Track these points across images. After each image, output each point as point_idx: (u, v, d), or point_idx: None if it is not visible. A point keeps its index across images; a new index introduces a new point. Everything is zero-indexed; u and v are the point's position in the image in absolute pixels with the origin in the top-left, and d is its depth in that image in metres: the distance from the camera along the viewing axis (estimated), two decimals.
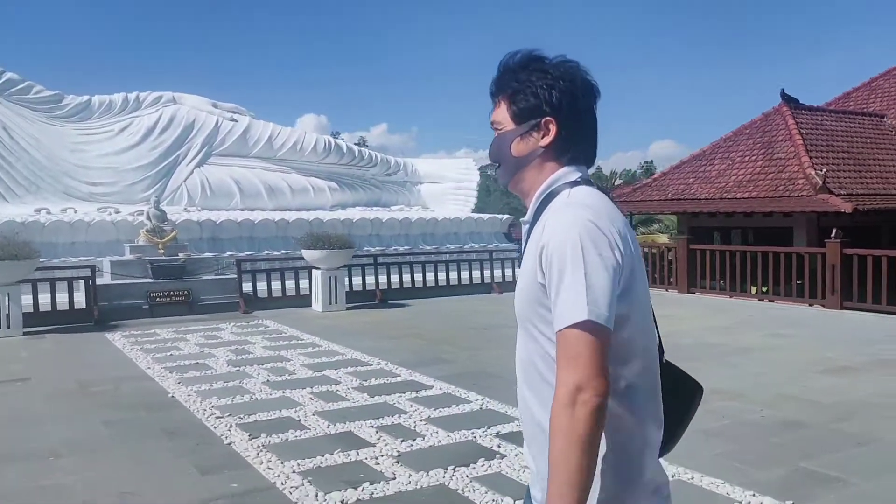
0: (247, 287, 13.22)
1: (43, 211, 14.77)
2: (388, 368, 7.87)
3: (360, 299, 13.81)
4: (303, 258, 14.46)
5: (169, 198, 15.76)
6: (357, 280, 14.23)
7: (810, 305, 12.54)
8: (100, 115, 17.56)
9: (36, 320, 10.95)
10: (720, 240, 19.51)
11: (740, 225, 19.50)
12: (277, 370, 7.84)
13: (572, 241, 1.40)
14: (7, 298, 10.40)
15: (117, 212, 15.39)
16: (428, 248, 18.18)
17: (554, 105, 1.55)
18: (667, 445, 1.60)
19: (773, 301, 13.58)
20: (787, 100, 20.68)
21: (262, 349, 9.17)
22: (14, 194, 15.42)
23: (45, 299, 11.38)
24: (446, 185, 21.20)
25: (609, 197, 1.54)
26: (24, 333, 10.52)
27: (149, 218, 13.55)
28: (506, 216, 20.66)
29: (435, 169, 21.74)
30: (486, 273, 15.93)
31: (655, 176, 22.95)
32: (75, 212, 15.11)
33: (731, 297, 14.27)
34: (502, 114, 1.61)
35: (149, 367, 8.14)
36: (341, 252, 13.04)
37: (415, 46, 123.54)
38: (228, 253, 15.18)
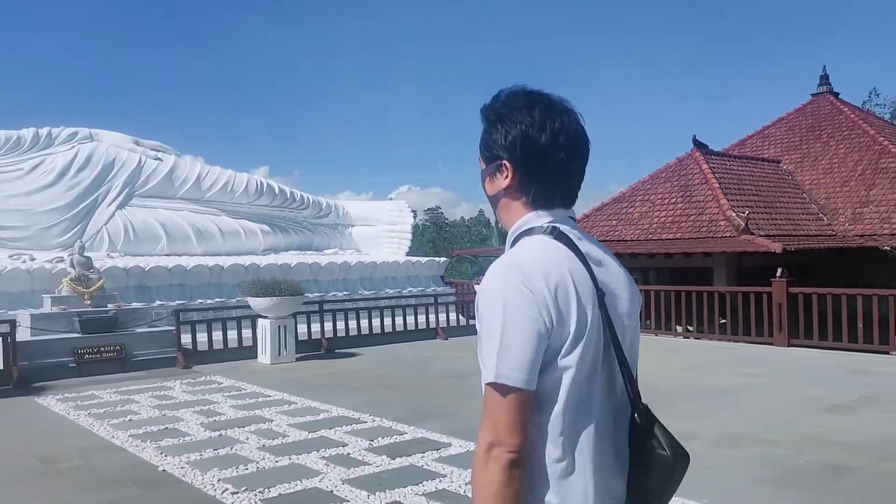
0: (184, 339, 12.14)
1: None
2: (386, 425, 7.34)
3: (305, 349, 13.01)
4: (241, 306, 13.71)
5: (88, 242, 14.28)
6: (300, 328, 13.41)
7: (758, 344, 12.91)
8: (6, 153, 15.79)
9: None
10: (640, 280, 20.04)
11: (660, 266, 20.20)
12: (266, 433, 7.12)
13: (493, 299, 1.43)
14: None
15: (32, 259, 13.81)
16: (367, 292, 17.55)
17: (508, 147, 1.56)
18: None
19: (699, 339, 14.05)
20: (699, 145, 21.86)
21: (232, 409, 8.36)
22: None
23: None
24: (379, 228, 20.67)
25: (572, 244, 1.50)
26: None
27: (73, 265, 12.23)
28: (443, 259, 20.36)
29: (367, 211, 21.18)
30: (431, 318, 15.51)
31: (578, 218, 23.40)
32: None
33: (657, 335, 14.58)
34: (480, 151, 1.66)
35: (112, 436, 7.16)
36: (291, 299, 12.26)
37: (297, 86, 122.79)
38: (158, 302, 13.96)
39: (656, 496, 1.54)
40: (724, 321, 14.08)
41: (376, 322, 14.56)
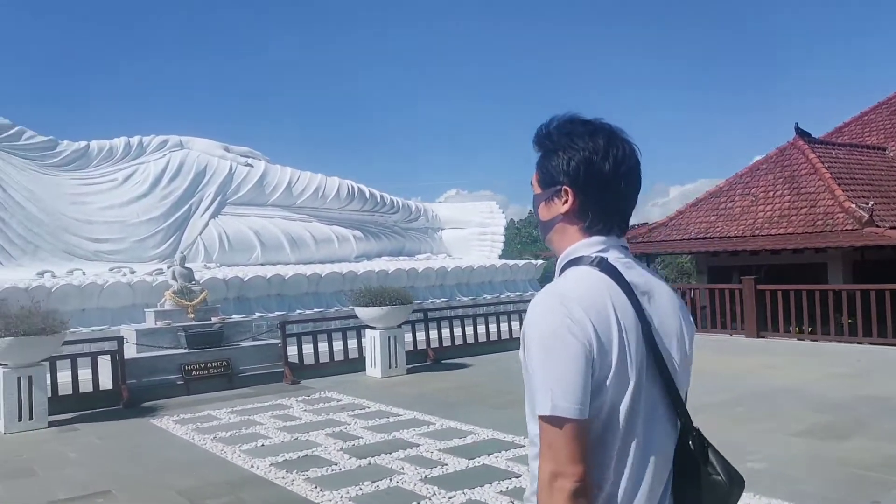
0: (289, 352, 11.49)
1: (47, 274, 12.66)
2: None
3: (412, 360, 12.20)
4: (340, 316, 13.13)
5: (184, 253, 13.81)
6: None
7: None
8: (99, 163, 15.51)
9: (56, 406, 8.98)
10: (737, 279, 18.73)
11: (765, 262, 18.83)
12: (420, 461, 6.32)
13: (540, 332, 1.46)
14: (29, 382, 8.45)
15: (132, 272, 13.38)
16: (464, 298, 16.73)
17: (570, 174, 1.58)
18: None
19: (816, 341, 12.88)
20: (802, 134, 20.37)
21: (366, 431, 7.59)
22: (9, 256, 13.20)
23: (63, 379, 9.45)
24: (470, 231, 19.80)
25: (618, 275, 1.52)
26: (50, 424, 8.56)
27: (174, 277, 11.69)
28: (540, 261, 19.39)
29: (457, 214, 20.33)
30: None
31: (672, 215, 22.19)
32: (84, 273, 13.04)
33: (799, 339, 13.41)
34: (535, 177, 1.68)
35: (251, 465, 6.45)
36: (401, 308, 11.47)
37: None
38: (258, 314, 13.38)
39: None
40: (850, 321, 12.86)
41: (479, 329, 13.74)
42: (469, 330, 13.61)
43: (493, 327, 13.92)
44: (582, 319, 1.44)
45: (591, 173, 1.56)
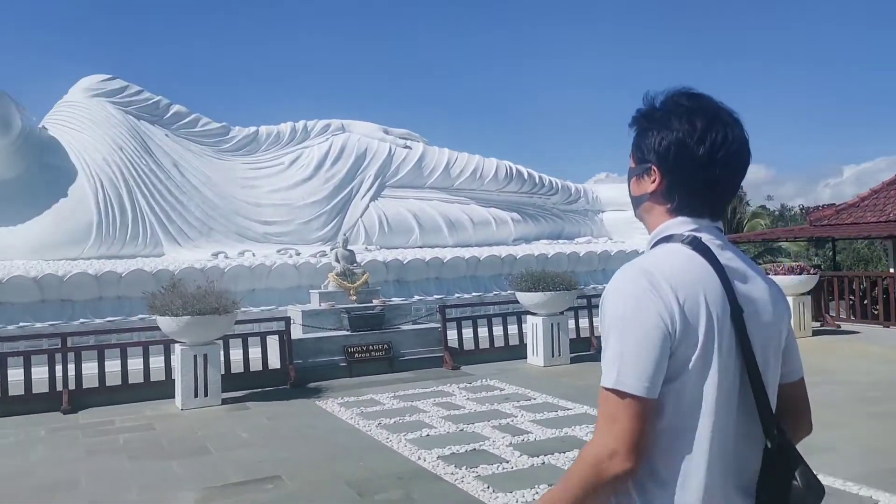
0: (449, 336, 11.19)
1: (220, 255, 13.25)
2: None
3: (574, 348, 11.49)
4: (498, 301, 12.79)
5: (346, 235, 13.95)
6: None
7: None
8: (267, 148, 16.12)
9: (228, 384, 9.19)
10: None
11: None
12: None
13: (618, 303, 1.41)
14: (205, 360, 8.67)
15: (298, 254, 13.73)
16: None
17: (660, 153, 1.52)
18: None
19: None
20: None
21: (535, 425, 7.09)
22: (187, 237, 14.02)
23: (235, 357, 9.71)
24: (629, 213, 18.70)
25: (711, 255, 1.47)
26: (223, 401, 8.76)
27: (337, 259, 11.75)
28: None
29: (619, 195, 19.18)
30: None
31: (864, 195, 19.78)
32: (253, 255, 13.53)
33: None
34: (631, 150, 1.63)
35: (418, 457, 6.10)
36: (565, 294, 10.82)
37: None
38: (416, 297, 13.24)
39: None
40: None
41: None
42: None
43: None
44: (666, 293, 1.40)
45: (681, 156, 1.51)
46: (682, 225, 1.52)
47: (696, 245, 1.47)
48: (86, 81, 15.14)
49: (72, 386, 8.82)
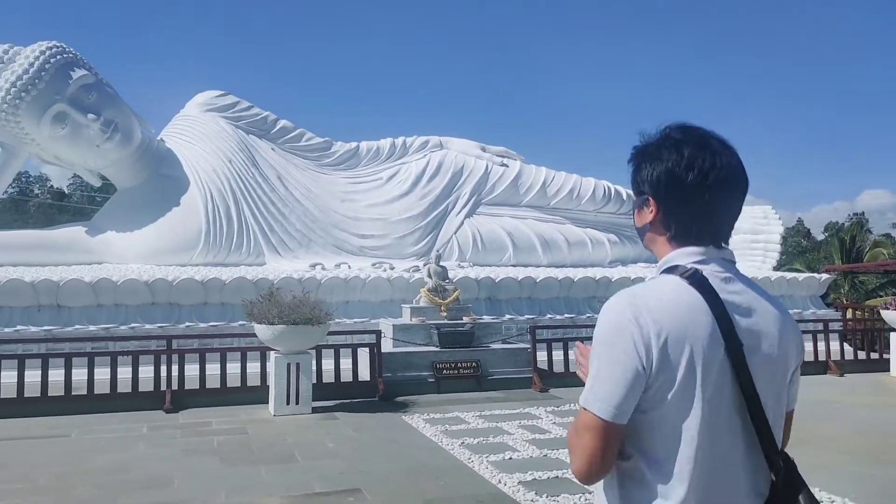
0: (538, 358, 11.00)
1: (317, 266, 13.64)
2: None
3: None
4: (592, 324, 12.28)
5: (439, 252, 14.07)
6: None
7: None
8: (367, 163, 16.54)
9: (318, 393, 9.37)
10: None
11: None
12: None
13: (601, 328, 1.49)
14: (297, 369, 8.88)
15: (392, 268, 13.94)
16: None
17: (653, 184, 1.58)
18: None
19: None
20: None
21: None
22: (287, 248, 14.53)
23: (326, 367, 9.91)
24: (737, 238, 17.88)
25: (710, 290, 1.49)
26: (314, 410, 8.94)
27: (430, 275, 11.82)
28: (824, 276, 16.90)
29: None
30: (819, 347, 12.56)
31: None
32: (349, 267, 13.85)
33: None
34: (631, 185, 1.70)
35: (499, 481, 5.98)
36: None
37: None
38: (508, 316, 13.13)
39: None
40: None
41: None
42: None
43: None
44: (647, 326, 1.45)
45: (672, 184, 1.57)
46: (687, 256, 1.57)
47: (695, 279, 1.51)
48: (201, 97, 16.03)
49: (174, 386, 9.25)
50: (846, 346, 13.50)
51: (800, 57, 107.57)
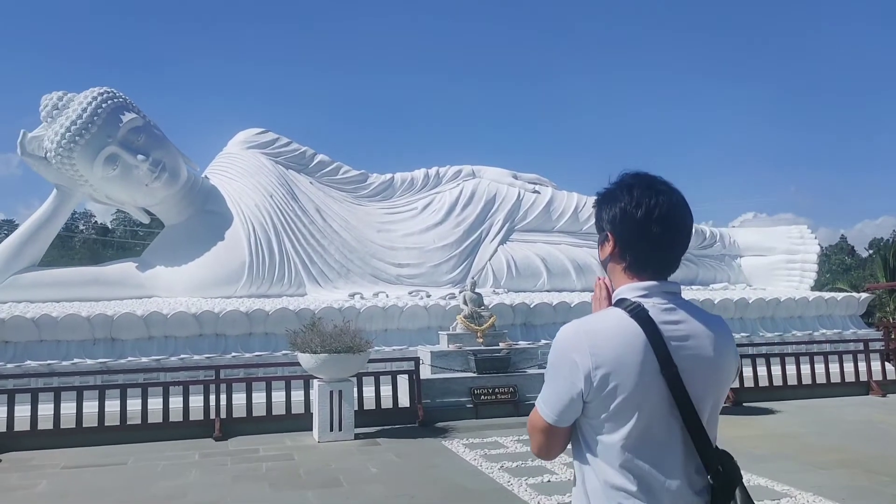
0: None
1: (356, 296, 14.02)
2: None
3: None
4: None
5: (474, 279, 14.34)
6: None
7: None
8: (402, 193, 16.98)
9: (360, 419, 9.67)
10: None
11: None
12: None
13: (554, 353, 1.81)
14: (340, 396, 9.20)
15: (428, 296, 14.26)
16: (768, 334, 15.02)
17: (611, 221, 1.88)
18: None
19: None
20: None
21: None
22: (326, 279, 14.96)
23: (367, 394, 10.22)
24: (775, 258, 17.82)
25: (650, 324, 1.75)
26: (356, 436, 9.23)
27: (465, 302, 12.11)
28: (864, 295, 16.73)
29: (759, 239, 18.46)
30: (859, 367, 12.47)
31: None
32: (387, 296, 14.21)
33: None
34: (595, 224, 2.02)
35: (537, 502, 6.20)
36: None
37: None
38: (543, 341, 13.28)
39: None
40: None
41: (789, 370, 12.12)
42: (775, 370, 12.10)
43: (804, 368, 12.22)
44: (585, 354, 1.74)
45: (625, 220, 1.84)
46: (633, 291, 1.83)
47: (637, 313, 1.77)
48: (242, 135, 16.68)
49: (223, 415, 9.64)
50: (889, 366, 13.37)
51: (845, 73, 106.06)
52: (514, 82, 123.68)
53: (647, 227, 1.81)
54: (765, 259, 17.97)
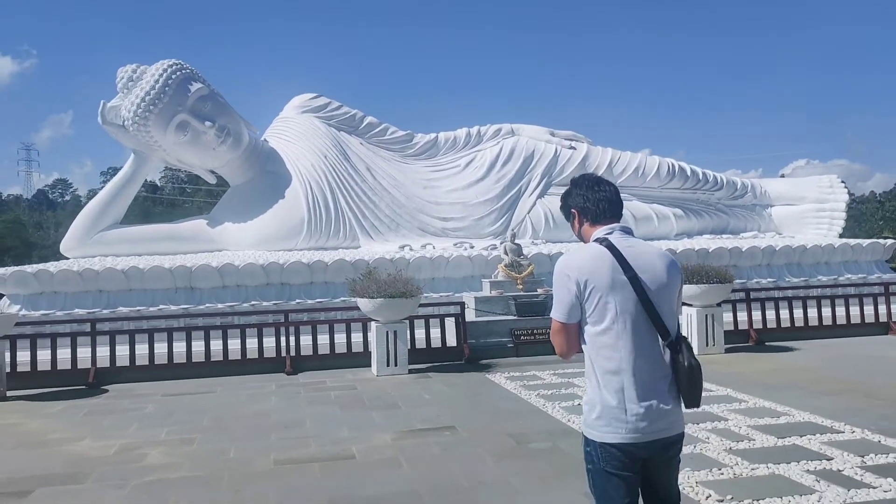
0: None
1: (406, 247, 15.22)
2: (873, 439, 6.26)
3: (732, 340, 12.02)
4: None
5: (515, 230, 15.36)
6: (725, 317, 12.37)
7: None
8: (446, 152, 18.00)
9: (413, 357, 10.88)
10: None
11: None
12: (727, 434, 6.53)
13: (556, 274, 2.80)
14: (395, 336, 10.41)
15: (472, 247, 15.39)
16: (794, 279, 15.76)
17: (575, 204, 3.01)
18: (684, 400, 2.76)
19: None
20: None
21: None
22: (378, 232, 16.20)
23: (419, 335, 11.41)
24: (804, 207, 18.40)
25: (614, 248, 2.75)
26: (409, 371, 10.46)
27: (506, 252, 13.16)
28: (889, 241, 17.25)
29: (789, 189, 19.02)
30: (880, 309, 13.18)
31: None
32: (434, 248, 15.38)
33: None
34: (562, 210, 3.17)
35: (568, 420, 7.29)
36: (719, 287, 11.41)
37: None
38: None
39: (687, 392, 2.74)
40: None
41: (811, 313, 12.92)
42: (798, 313, 12.90)
43: (826, 311, 12.99)
44: (573, 273, 2.71)
45: (582, 200, 2.94)
46: (602, 232, 2.86)
47: (605, 243, 2.77)
48: (297, 100, 17.84)
49: (293, 353, 10.97)
50: None
51: None
52: (553, 39, 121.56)
53: (596, 203, 2.89)
54: (795, 208, 18.53)
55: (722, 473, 5.40)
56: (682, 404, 2.76)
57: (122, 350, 10.63)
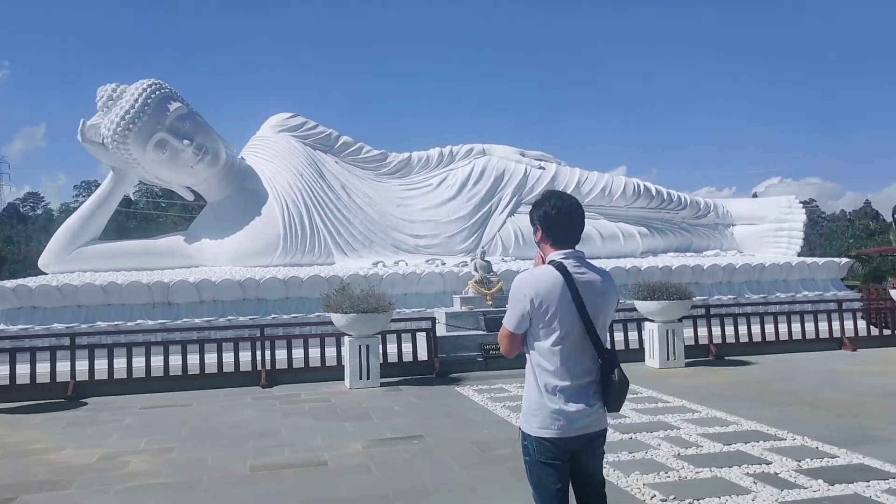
0: None
1: (379, 264, 15.63)
2: (811, 445, 6.72)
3: (692, 354, 12.54)
4: (624, 309, 13.75)
5: (485, 248, 15.84)
6: (686, 332, 12.90)
7: None
8: (419, 171, 18.50)
9: (385, 371, 11.23)
10: None
11: None
12: (677, 441, 6.99)
13: (513, 289, 3.17)
14: (367, 350, 10.77)
15: (443, 263, 15.83)
16: (754, 296, 16.39)
17: (539, 218, 3.26)
18: (608, 406, 3.21)
19: None
20: None
21: (634, 412, 8.38)
22: (352, 249, 16.59)
23: (391, 349, 11.76)
24: (764, 227, 19.15)
25: (565, 271, 3.11)
26: (381, 384, 10.81)
27: (476, 269, 13.61)
28: (844, 260, 18.01)
29: (750, 209, 19.79)
30: (834, 326, 13.79)
31: None
32: (406, 264, 15.79)
33: None
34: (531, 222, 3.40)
35: None
36: (679, 303, 11.94)
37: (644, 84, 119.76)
38: None
39: (613, 401, 3.15)
40: None
41: (768, 329, 13.48)
42: (756, 328, 13.44)
43: (783, 327, 13.55)
44: (528, 292, 3.07)
45: (545, 216, 3.19)
46: (556, 256, 3.17)
47: (558, 266, 3.10)
48: (273, 119, 18.26)
49: (268, 367, 11.27)
50: (861, 323, 14.62)
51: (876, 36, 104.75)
52: (527, 59, 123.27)
53: (558, 220, 3.15)
54: (756, 227, 19.27)
55: (668, 476, 5.84)
56: (605, 408, 3.20)
57: (101, 364, 10.85)
